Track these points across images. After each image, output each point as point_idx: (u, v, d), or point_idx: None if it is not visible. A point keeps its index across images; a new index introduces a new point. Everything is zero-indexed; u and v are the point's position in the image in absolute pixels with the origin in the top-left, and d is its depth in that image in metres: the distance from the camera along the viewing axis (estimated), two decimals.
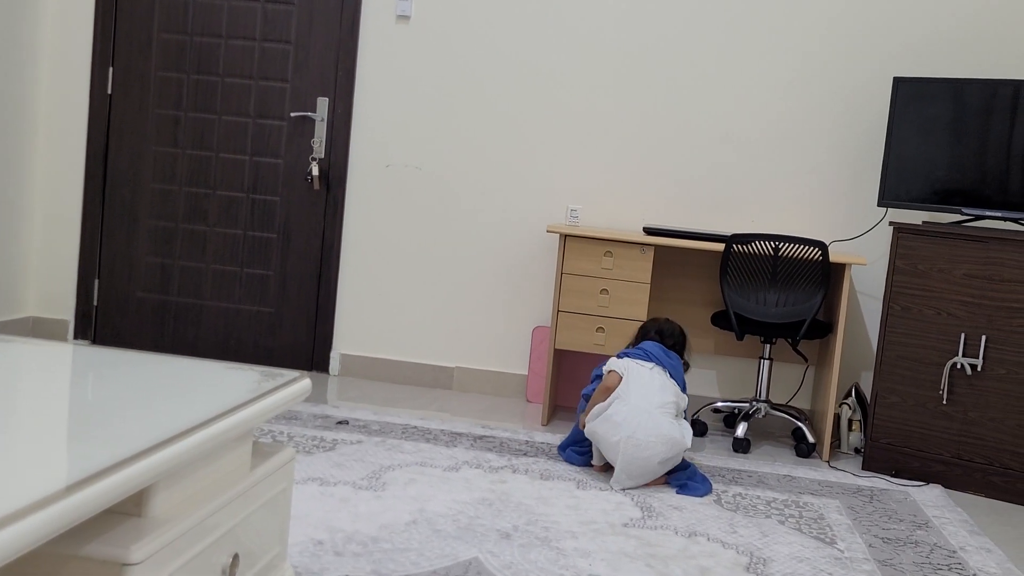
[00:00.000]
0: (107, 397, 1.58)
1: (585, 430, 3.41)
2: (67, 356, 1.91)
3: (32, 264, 4.77)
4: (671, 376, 3.45)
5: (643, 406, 3.29)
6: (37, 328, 4.78)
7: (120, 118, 4.70)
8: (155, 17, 4.64)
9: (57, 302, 4.79)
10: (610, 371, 3.43)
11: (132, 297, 4.73)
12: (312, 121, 4.57)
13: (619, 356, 3.51)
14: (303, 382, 1.87)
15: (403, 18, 4.50)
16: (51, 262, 4.77)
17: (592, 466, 3.47)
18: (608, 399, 3.35)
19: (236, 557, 1.60)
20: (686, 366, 3.60)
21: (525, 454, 3.57)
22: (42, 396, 1.57)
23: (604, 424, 3.30)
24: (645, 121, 4.39)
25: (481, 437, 3.75)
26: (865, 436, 3.92)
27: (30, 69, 4.61)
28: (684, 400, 3.44)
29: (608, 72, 4.39)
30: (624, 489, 3.28)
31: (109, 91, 4.69)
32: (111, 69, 4.68)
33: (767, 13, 4.28)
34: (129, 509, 1.41)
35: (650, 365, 3.43)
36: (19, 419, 1.42)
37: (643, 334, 3.69)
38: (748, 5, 4.29)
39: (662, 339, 3.63)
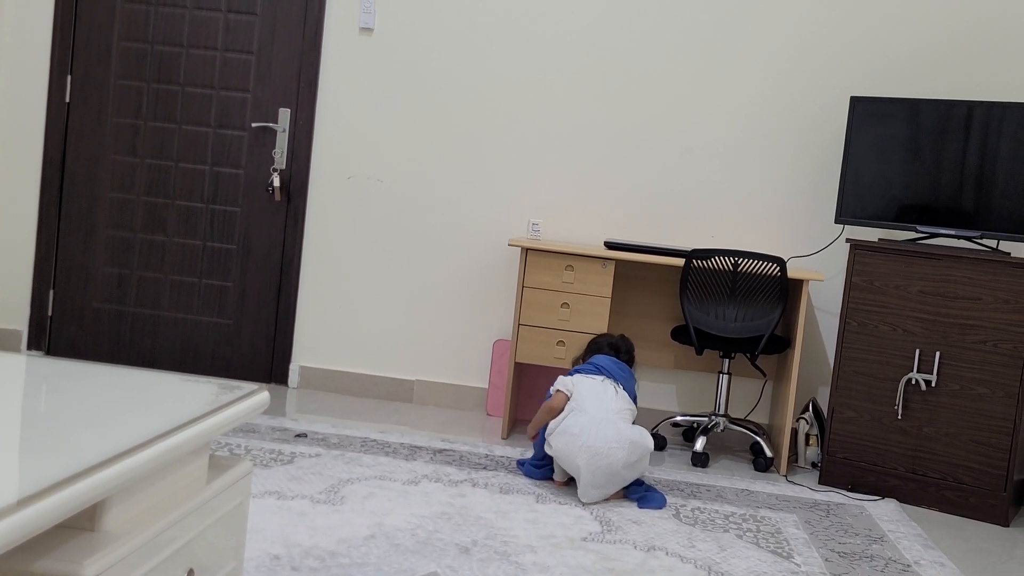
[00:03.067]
0: (60, 409, 1.56)
1: (546, 447, 3.41)
2: (20, 367, 1.88)
3: None
4: (624, 389, 3.47)
5: (599, 415, 3.30)
6: None
7: (78, 126, 4.64)
8: (115, 25, 4.59)
9: (10, 312, 4.71)
10: (557, 391, 3.45)
11: (88, 307, 4.66)
12: (273, 132, 4.54)
13: (570, 374, 3.53)
14: (261, 395, 1.85)
15: (366, 30, 4.49)
16: (5, 271, 4.69)
17: (553, 480, 3.47)
18: (564, 413, 3.36)
19: (191, 572, 1.58)
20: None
21: (485, 468, 3.57)
22: None
23: (563, 437, 3.30)
24: (608, 136, 4.41)
25: (441, 451, 3.74)
26: (822, 451, 3.96)
27: None
28: (635, 413, 3.47)
29: (571, 87, 4.42)
30: (592, 502, 3.28)
31: (67, 99, 4.64)
32: (69, 76, 4.63)
33: (729, 33, 4.33)
34: (82, 524, 1.38)
35: (600, 377, 3.46)
36: None
37: (595, 348, 3.71)
38: (710, 25, 4.34)
39: (617, 353, 3.65)
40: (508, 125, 4.46)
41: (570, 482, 3.43)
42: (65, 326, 4.68)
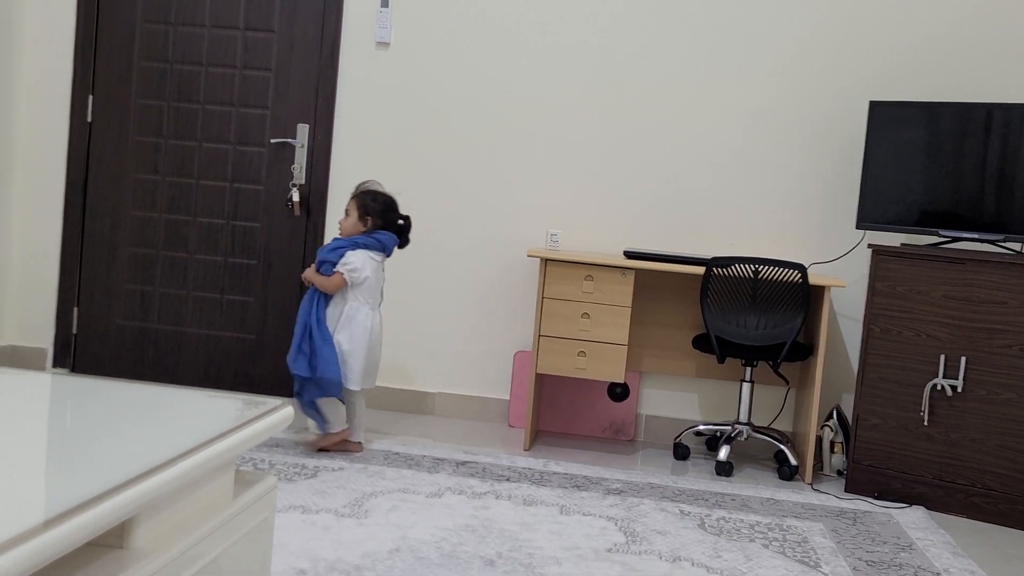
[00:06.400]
0: (87, 427, 1.57)
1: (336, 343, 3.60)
2: (46, 385, 1.89)
3: (10, 292, 4.74)
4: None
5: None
6: (15, 356, 4.74)
7: (100, 146, 4.69)
8: (135, 45, 4.63)
9: (36, 330, 4.75)
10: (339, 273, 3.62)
11: (112, 325, 4.69)
12: (292, 147, 4.57)
13: (356, 244, 3.64)
14: (285, 410, 1.86)
15: (382, 45, 4.51)
16: (30, 290, 4.73)
17: (328, 433, 3.66)
18: (352, 302, 3.63)
19: None
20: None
21: (508, 479, 3.56)
22: (21, 426, 1.56)
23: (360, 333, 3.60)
24: (625, 145, 4.41)
25: (463, 463, 3.74)
26: (847, 458, 3.93)
27: (7, 96, 4.59)
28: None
29: (587, 97, 4.42)
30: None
31: (89, 119, 4.68)
32: (91, 97, 4.67)
33: (744, 37, 4.33)
34: (111, 541, 1.39)
35: (380, 257, 3.70)
36: (0, 450, 1.40)
37: (388, 218, 3.73)
38: (725, 30, 4.34)
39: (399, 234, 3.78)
40: (524, 136, 4.47)
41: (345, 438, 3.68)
42: (90, 344, 4.72)
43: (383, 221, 3.69)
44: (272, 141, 4.58)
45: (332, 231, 4.57)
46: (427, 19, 4.49)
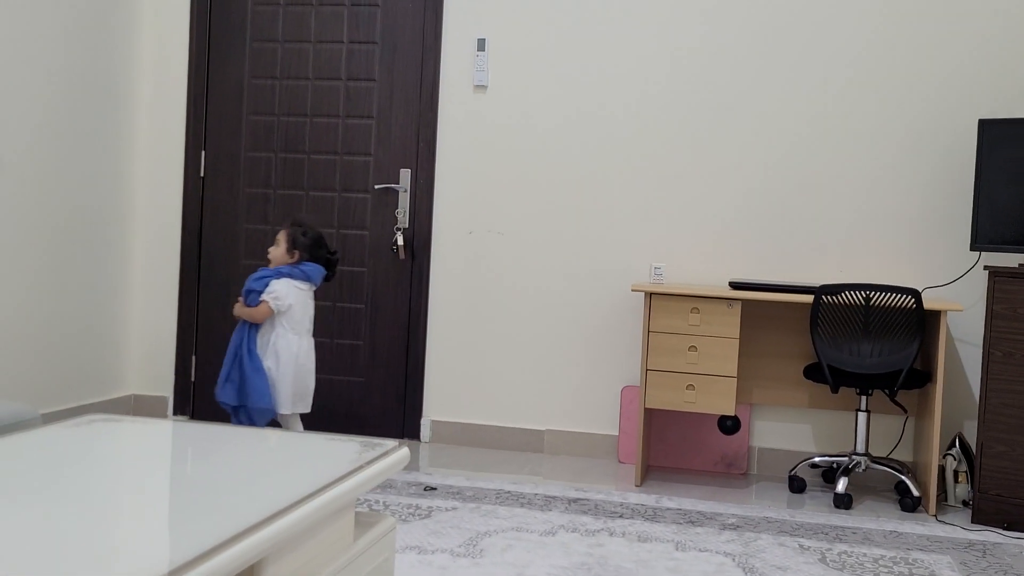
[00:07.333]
0: (213, 472, 1.62)
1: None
2: (169, 433, 1.96)
3: (132, 342, 4.93)
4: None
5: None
6: (138, 405, 4.92)
7: (213, 198, 4.87)
8: (244, 100, 4.82)
9: (156, 379, 4.93)
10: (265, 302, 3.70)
11: None
12: (395, 192, 4.67)
13: (282, 273, 3.72)
14: (402, 451, 1.89)
15: (480, 88, 4.59)
16: (150, 340, 4.92)
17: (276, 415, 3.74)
18: (278, 327, 3.69)
19: None
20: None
21: (621, 516, 3.53)
22: (149, 473, 1.62)
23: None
24: (726, 174, 4.38)
25: (575, 500, 3.72)
26: (973, 488, 3.79)
27: (128, 154, 4.81)
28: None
29: (686, 127, 4.41)
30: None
31: (202, 173, 4.87)
32: (203, 152, 4.86)
33: (849, 61, 4.26)
34: None
35: (307, 286, 3.78)
36: (128, 498, 1.46)
37: (314, 253, 3.80)
38: (829, 54, 4.28)
39: (327, 267, 3.85)
40: (624, 170, 4.47)
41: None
42: (208, 391, 4.87)
43: (310, 255, 3.80)
44: (376, 187, 4.69)
45: (437, 274, 4.64)
46: (523, 60, 4.55)
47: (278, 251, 3.79)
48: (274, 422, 3.78)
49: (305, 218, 3.98)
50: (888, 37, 4.22)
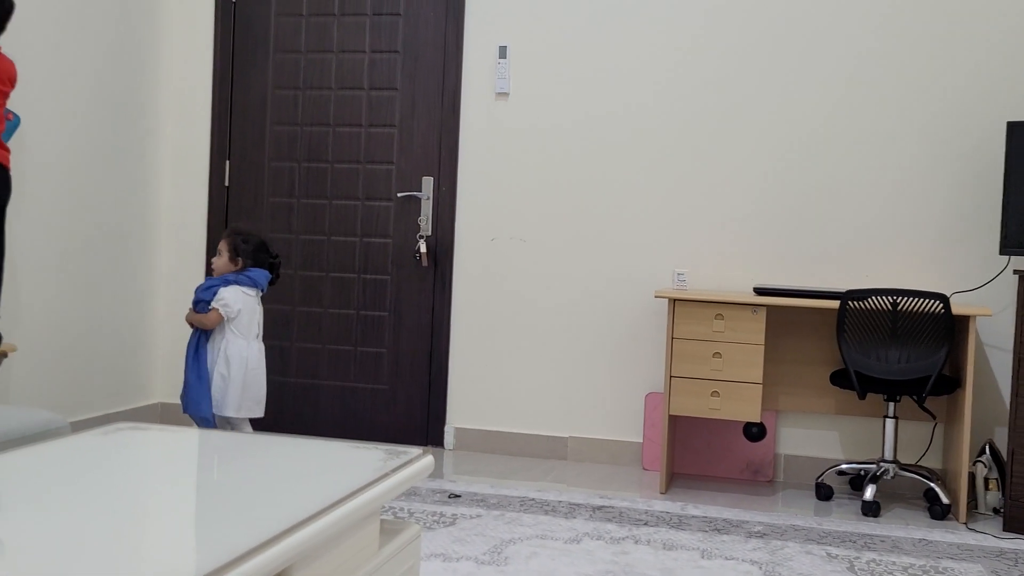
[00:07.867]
0: (239, 480, 1.62)
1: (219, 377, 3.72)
2: (192, 441, 1.97)
3: (159, 351, 4.96)
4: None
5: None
6: (164, 414, 4.95)
7: (237, 208, 4.89)
8: (268, 110, 4.84)
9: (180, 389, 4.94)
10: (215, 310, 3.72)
11: None
12: (418, 200, 4.68)
13: (229, 281, 3.77)
14: (426, 459, 1.89)
15: (502, 95, 4.59)
16: (176, 348, 4.94)
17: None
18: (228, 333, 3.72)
19: None
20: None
21: (646, 523, 3.51)
22: (176, 481, 1.62)
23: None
24: (749, 179, 4.35)
25: (600, 507, 3.70)
26: (1004, 495, 3.74)
27: (153, 165, 4.85)
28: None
29: (707, 132, 4.39)
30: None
31: (226, 183, 4.89)
32: (228, 162, 4.89)
33: (874, 66, 4.23)
34: None
35: (254, 292, 3.80)
36: (155, 505, 1.46)
37: (259, 258, 3.84)
38: (854, 60, 4.25)
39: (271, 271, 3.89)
40: (645, 176, 4.46)
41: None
42: None
43: (254, 261, 3.84)
44: (399, 195, 4.69)
45: (459, 280, 4.64)
46: (544, 67, 4.55)
47: (221, 260, 3.84)
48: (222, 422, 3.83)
49: (244, 225, 4.05)
50: (914, 36, 4.19)
